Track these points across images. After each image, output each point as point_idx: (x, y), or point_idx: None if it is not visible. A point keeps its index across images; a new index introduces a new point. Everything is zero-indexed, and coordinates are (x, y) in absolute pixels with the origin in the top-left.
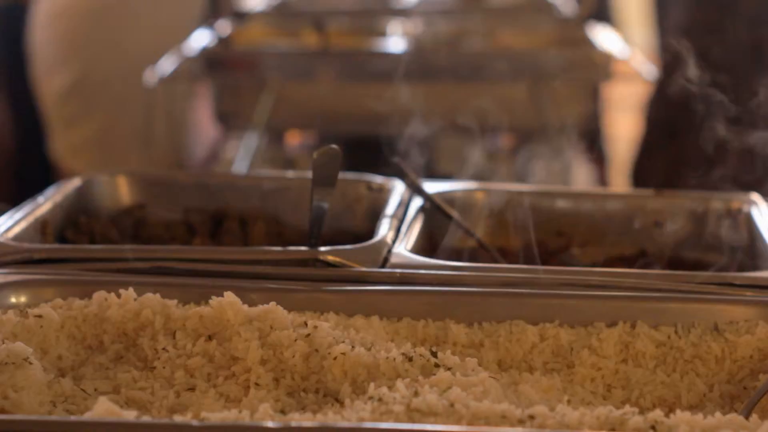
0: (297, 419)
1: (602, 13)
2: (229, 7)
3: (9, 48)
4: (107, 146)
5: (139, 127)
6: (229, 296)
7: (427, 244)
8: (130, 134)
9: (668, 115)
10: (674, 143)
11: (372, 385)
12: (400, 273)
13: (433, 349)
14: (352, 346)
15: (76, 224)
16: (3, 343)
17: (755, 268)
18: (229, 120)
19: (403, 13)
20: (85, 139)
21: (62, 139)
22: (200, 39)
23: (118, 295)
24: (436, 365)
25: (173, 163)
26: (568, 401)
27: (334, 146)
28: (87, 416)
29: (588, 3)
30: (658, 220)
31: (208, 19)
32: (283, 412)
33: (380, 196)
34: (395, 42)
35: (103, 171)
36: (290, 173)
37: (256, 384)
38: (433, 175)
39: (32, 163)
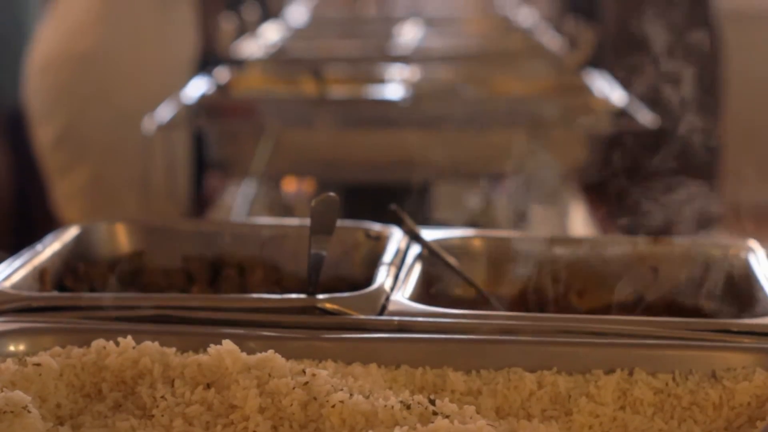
0: None
1: (599, 60)
2: (226, 53)
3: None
4: (100, 194)
5: (133, 174)
6: (228, 344)
7: (425, 292)
8: (123, 182)
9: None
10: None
11: None
12: (398, 321)
13: (431, 396)
14: (351, 394)
15: (74, 272)
16: (2, 391)
17: (753, 314)
18: (228, 167)
19: (401, 59)
20: (77, 188)
21: (57, 188)
22: (198, 86)
23: (117, 343)
24: (434, 413)
25: (172, 210)
26: None
27: (332, 194)
28: None
29: (585, 50)
30: (655, 267)
31: (201, 65)
32: None
33: (378, 244)
34: (393, 89)
35: (101, 219)
36: (288, 221)
37: None
38: (431, 222)
39: (32, 211)
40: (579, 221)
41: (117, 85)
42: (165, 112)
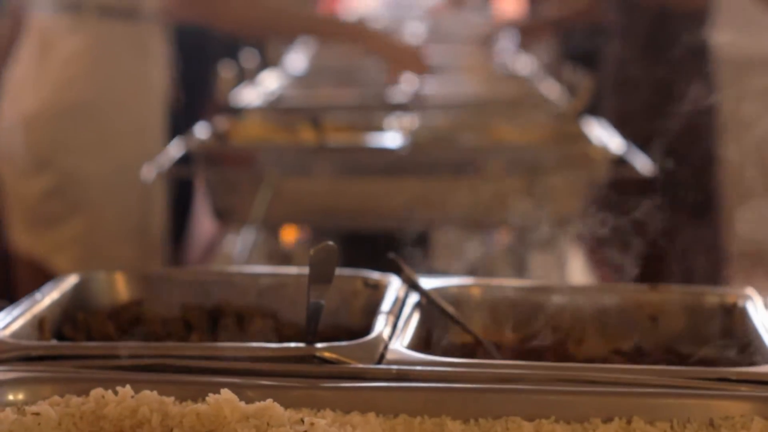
0: None
1: (598, 107)
2: (225, 102)
3: None
4: (93, 243)
5: (128, 222)
6: (226, 393)
7: (424, 340)
8: (117, 230)
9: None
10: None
11: None
12: (397, 369)
13: None
14: None
15: (73, 321)
16: None
17: (751, 363)
18: (226, 215)
19: (400, 107)
20: (69, 237)
21: (45, 238)
22: (198, 134)
23: (116, 393)
24: None
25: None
26: None
27: (330, 243)
28: None
29: (583, 97)
30: (653, 315)
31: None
32: None
33: (377, 292)
34: (392, 137)
35: (100, 268)
36: (287, 269)
37: None
38: (430, 270)
39: None
40: (577, 269)
41: (112, 135)
42: (164, 160)
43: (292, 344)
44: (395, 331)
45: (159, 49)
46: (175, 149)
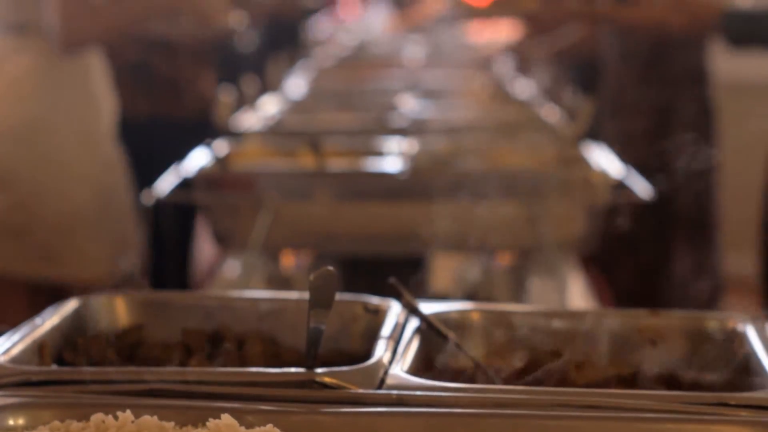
0: None
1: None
2: (225, 126)
3: None
4: (60, 250)
5: (95, 226)
6: (226, 419)
7: (424, 365)
8: (85, 235)
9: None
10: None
11: None
12: (397, 394)
13: None
14: None
15: (73, 346)
16: None
17: (750, 387)
18: (226, 240)
19: (399, 132)
20: (37, 247)
21: (12, 250)
22: (198, 159)
23: (116, 417)
24: None
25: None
26: None
27: (330, 268)
28: None
29: (583, 121)
30: (653, 340)
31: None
32: None
33: (377, 317)
34: (391, 161)
35: (100, 293)
36: (287, 294)
37: None
38: (430, 295)
39: None
40: (577, 294)
41: (65, 148)
42: (164, 185)
43: (292, 369)
44: (395, 356)
45: (99, 71)
46: (175, 174)
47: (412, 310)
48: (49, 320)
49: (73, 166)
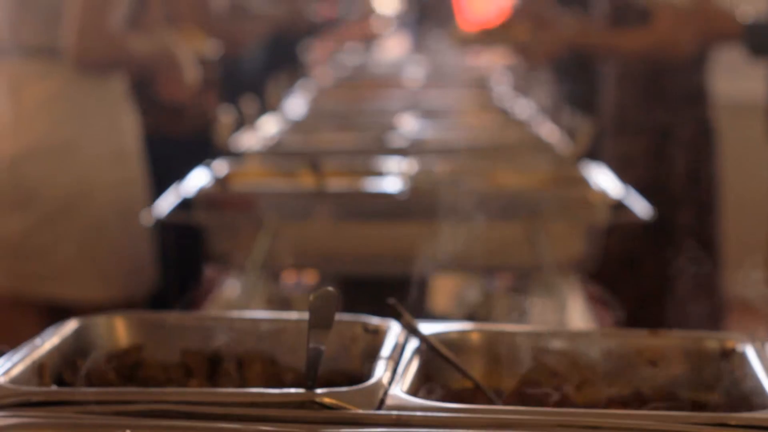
0: None
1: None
2: (225, 146)
3: None
4: (84, 268)
5: (116, 246)
6: None
7: (424, 386)
8: (107, 253)
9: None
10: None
11: None
12: (397, 415)
13: None
14: None
15: (73, 366)
16: None
17: (750, 408)
18: (226, 260)
19: (399, 152)
20: (61, 266)
21: (34, 270)
22: (197, 179)
23: None
24: None
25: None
26: None
27: (330, 289)
28: None
29: (583, 141)
30: (653, 360)
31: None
32: None
33: (376, 337)
34: (391, 182)
35: (100, 313)
36: (287, 314)
37: None
38: (429, 315)
39: None
40: (577, 314)
41: (91, 170)
42: (164, 205)
43: (292, 390)
44: (395, 377)
45: (122, 92)
46: (175, 194)
47: (412, 331)
48: (49, 341)
49: (98, 185)
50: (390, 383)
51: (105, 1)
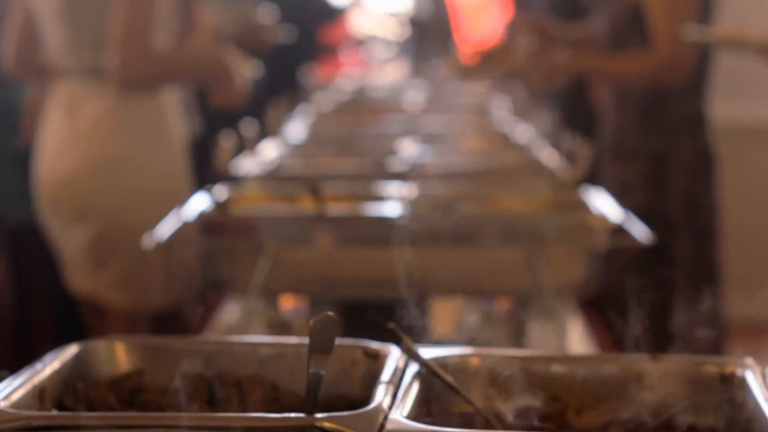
0: None
1: (596, 176)
2: (225, 171)
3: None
4: (137, 282)
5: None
6: None
7: (424, 410)
8: (156, 268)
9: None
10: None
11: None
12: None
13: None
14: None
15: (74, 391)
16: None
17: None
18: (225, 284)
19: (399, 176)
20: (116, 278)
21: (94, 279)
22: (198, 203)
23: None
24: None
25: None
26: None
27: (330, 314)
28: None
29: (582, 166)
30: (653, 384)
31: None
32: None
33: (376, 362)
34: (391, 206)
35: (100, 338)
36: (287, 339)
37: None
38: (429, 340)
39: (32, 328)
40: (577, 338)
41: (142, 186)
42: (165, 229)
43: (292, 414)
44: (395, 401)
45: (172, 105)
46: (175, 218)
47: (412, 355)
48: (50, 365)
49: (150, 199)
50: (390, 408)
51: (145, 22)
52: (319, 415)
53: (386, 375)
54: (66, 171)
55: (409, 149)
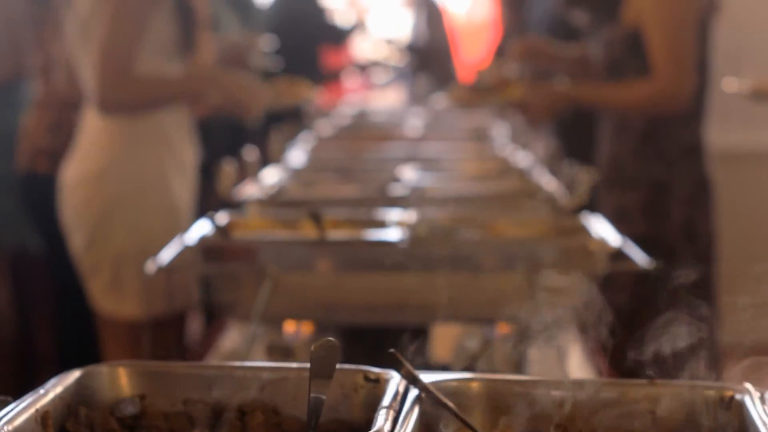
0: None
1: (595, 201)
2: (227, 196)
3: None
4: (162, 292)
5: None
6: None
7: None
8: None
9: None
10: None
11: None
12: None
13: None
14: None
15: (76, 416)
16: None
17: None
18: (227, 310)
19: (399, 202)
20: (106, 285)
21: (91, 286)
22: (199, 228)
23: None
24: None
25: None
26: None
27: (331, 339)
28: None
29: (581, 191)
30: (652, 409)
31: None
32: None
33: (377, 387)
34: (391, 231)
35: (103, 363)
36: (288, 364)
37: None
38: (429, 365)
39: (35, 351)
40: (577, 364)
41: (127, 200)
42: (167, 254)
43: None
44: (396, 426)
45: (182, 130)
46: (177, 243)
47: (413, 380)
48: (53, 390)
49: (140, 208)
50: None
51: (127, 46)
52: None
53: (387, 400)
54: (72, 180)
55: (409, 175)
